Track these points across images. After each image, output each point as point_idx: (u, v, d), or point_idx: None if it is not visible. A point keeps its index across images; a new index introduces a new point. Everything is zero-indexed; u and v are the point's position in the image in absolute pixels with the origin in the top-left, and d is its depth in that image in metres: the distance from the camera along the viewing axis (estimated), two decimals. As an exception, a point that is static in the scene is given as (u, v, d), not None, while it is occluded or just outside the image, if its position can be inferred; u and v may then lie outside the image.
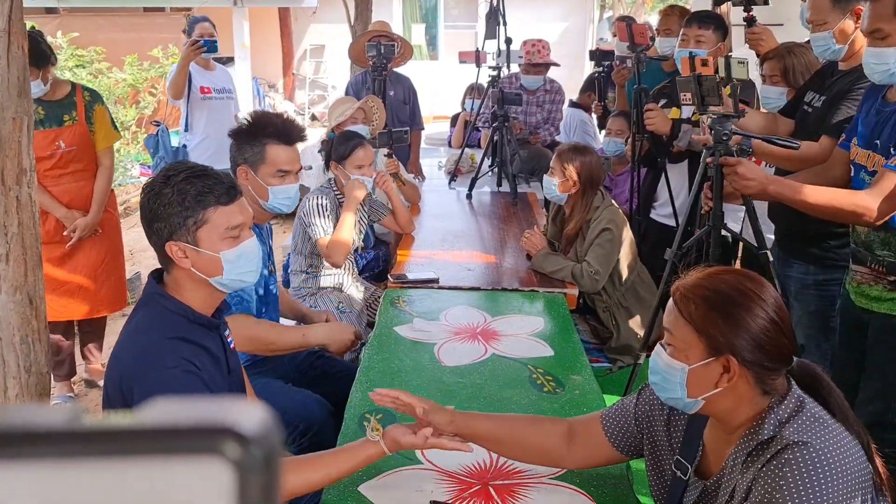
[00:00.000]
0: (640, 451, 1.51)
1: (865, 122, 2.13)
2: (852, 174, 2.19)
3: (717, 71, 2.77)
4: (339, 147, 3.06)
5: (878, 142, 2.05)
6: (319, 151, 3.70)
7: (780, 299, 1.29)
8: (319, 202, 2.97)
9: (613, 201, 2.92)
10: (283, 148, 2.28)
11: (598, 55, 4.85)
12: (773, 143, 2.26)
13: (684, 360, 1.28)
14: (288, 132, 2.29)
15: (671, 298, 1.32)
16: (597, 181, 2.84)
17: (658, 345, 1.36)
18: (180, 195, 1.55)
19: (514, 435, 1.56)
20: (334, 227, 2.91)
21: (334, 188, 3.07)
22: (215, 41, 4.25)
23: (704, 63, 2.82)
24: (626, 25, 3.36)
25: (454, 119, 5.71)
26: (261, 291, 2.35)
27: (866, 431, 1.27)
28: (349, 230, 2.91)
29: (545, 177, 2.93)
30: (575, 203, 2.86)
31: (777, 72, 2.82)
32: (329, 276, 3.07)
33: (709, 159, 2.28)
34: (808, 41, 2.89)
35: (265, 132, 2.27)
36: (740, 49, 5.95)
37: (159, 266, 1.66)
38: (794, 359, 1.30)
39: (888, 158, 2.00)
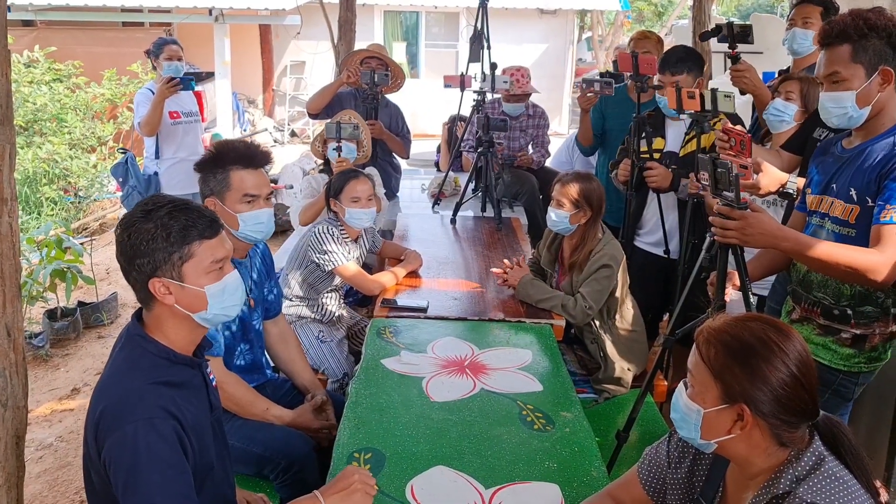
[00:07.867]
0: None
1: (821, 170, 2.13)
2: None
3: (703, 104, 2.79)
4: (335, 182, 3.05)
5: (833, 186, 2.05)
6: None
7: (807, 354, 1.26)
8: (329, 230, 2.96)
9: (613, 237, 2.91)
10: (248, 172, 2.24)
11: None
12: None
13: (700, 403, 1.29)
14: (251, 156, 2.26)
15: (695, 339, 1.31)
16: (603, 205, 2.83)
17: (682, 382, 1.36)
18: (164, 230, 1.52)
19: None
20: (346, 257, 2.95)
21: (337, 222, 3.04)
22: (191, 79, 4.13)
23: (691, 96, 2.84)
24: (633, 56, 3.33)
25: (440, 147, 5.76)
26: (233, 328, 2.31)
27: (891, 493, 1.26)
28: (389, 278, 3.06)
29: (550, 209, 2.86)
30: (586, 230, 2.82)
31: (795, 91, 2.83)
32: (313, 306, 3.03)
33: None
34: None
35: (227, 158, 2.23)
36: (720, 76, 6.03)
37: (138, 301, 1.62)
38: (821, 413, 1.28)
39: (847, 203, 1.98)
